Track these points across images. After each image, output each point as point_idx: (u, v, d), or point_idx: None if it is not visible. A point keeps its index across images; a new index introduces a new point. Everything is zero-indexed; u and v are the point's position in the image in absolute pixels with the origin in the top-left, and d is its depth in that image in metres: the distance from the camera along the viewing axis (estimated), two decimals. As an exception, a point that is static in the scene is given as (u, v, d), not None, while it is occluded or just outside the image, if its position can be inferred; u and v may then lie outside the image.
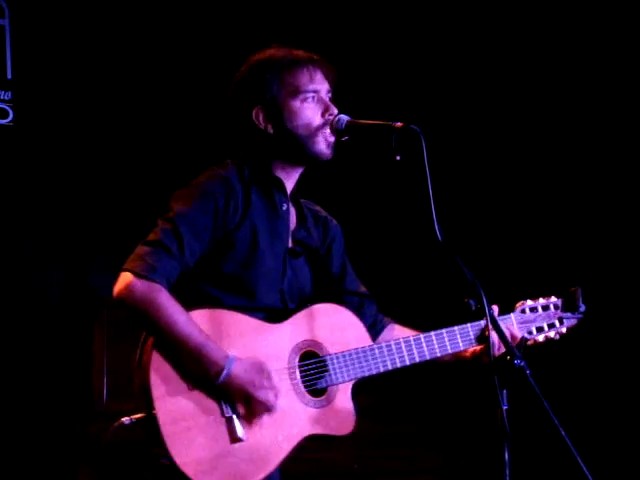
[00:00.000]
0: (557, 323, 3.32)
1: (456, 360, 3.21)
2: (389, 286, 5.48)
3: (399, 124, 2.92)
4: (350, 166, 5.17)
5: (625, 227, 5.34)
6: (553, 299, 3.33)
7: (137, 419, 2.89)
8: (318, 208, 3.32)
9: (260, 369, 2.88)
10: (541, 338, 3.30)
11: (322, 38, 5.48)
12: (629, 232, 5.33)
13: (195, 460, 2.81)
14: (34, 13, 5.06)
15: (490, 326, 2.82)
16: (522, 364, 2.74)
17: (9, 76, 5.01)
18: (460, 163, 5.55)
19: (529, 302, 3.32)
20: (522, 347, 3.19)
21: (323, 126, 3.08)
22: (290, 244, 3.13)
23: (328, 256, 3.26)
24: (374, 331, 3.24)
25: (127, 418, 2.91)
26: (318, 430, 2.97)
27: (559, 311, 3.32)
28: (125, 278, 2.86)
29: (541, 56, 5.48)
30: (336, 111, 3.09)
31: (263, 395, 2.88)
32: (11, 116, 4.99)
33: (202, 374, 2.85)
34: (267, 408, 2.88)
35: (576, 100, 5.43)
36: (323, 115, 3.09)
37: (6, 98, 4.99)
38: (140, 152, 5.26)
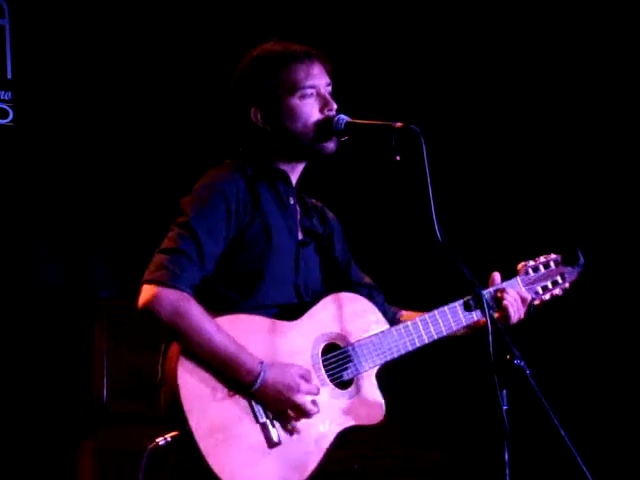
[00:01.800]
0: (559, 279, 3.31)
1: (474, 331, 3.19)
2: (389, 286, 5.48)
3: (399, 124, 2.92)
4: (350, 166, 5.18)
5: (625, 227, 5.34)
6: (552, 255, 3.34)
7: (172, 437, 2.82)
8: (314, 200, 3.30)
9: (296, 372, 2.87)
10: (547, 296, 3.29)
11: (322, 38, 5.48)
12: (629, 232, 5.33)
13: (236, 472, 2.78)
14: (34, 13, 5.06)
15: (490, 327, 2.81)
16: (522, 364, 2.74)
17: (9, 76, 5.01)
18: (460, 163, 5.56)
19: (530, 262, 3.31)
20: (532, 308, 3.20)
21: (320, 123, 3.06)
22: (300, 236, 3.11)
23: (331, 246, 3.24)
24: (387, 320, 3.19)
25: (161, 438, 2.83)
26: (351, 422, 2.96)
27: (560, 266, 3.31)
28: (151, 289, 2.81)
29: (541, 56, 5.48)
30: (335, 106, 3.07)
31: (300, 400, 2.85)
32: (11, 116, 4.99)
33: (236, 383, 2.82)
34: (304, 412, 2.86)
35: (576, 100, 5.43)
36: (322, 111, 3.07)
37: (6, 98, 4.99)
38: (140, 152, 5.26)
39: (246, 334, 2.86)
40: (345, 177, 5.40)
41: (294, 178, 3.15)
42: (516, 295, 3.15)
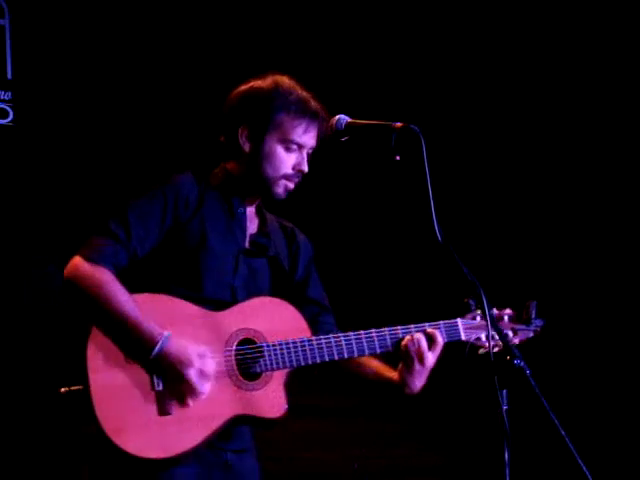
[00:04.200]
0: (510, 334, 3.26)
1: (382, 381, 3.24)
2: (389, 286, 5.49)
3: (399, 124, 2.92)
4: (350, 166, 5.18)
5: (625, 227, 5.35)
6: (507, 310, 3.29)
7: (72, 390, 3.03)
8: (287, 223, 3.42)
9: (194, 350, 3.00)
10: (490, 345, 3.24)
11: (322, 38, 5.49)
12: (629, 232, 5.33)
13: (122, 428, 2.95)
14: (34, 13, 5.06)
15: (490, 327, 2.81)
16: (522, 364, 2.74)
17: (9, 76, 5.01)
18: (460, 163, 5.56)
19: (480, 311, 3.25)
20: (467, 351, 3.20)
21: (289, 177, 3.16)
22: (247, 245, 3.23)
23: (294, 264, 3.35)
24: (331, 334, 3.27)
25: (65, 388, 3.05)
26: (247, 411, 3.07)
27: (513, 323, 3.27)
28: (73, 262, 3.03)
29: (541, 56, 5.48)
30: (306, 170, 3.17)
31: (191, 376, 2.98)
32: (11, 116, 4.99)
33: (137, 349, 2.98)
34: (193, 390, 2.99)
35: (576, 100, 5.44)
36: (294, 167, 3.16)
37: (6, 98, 4.99)
38: (140, 152, 5.26)
39: (163, 312, 3.03)
40: (345, 177, 5.40)
41: (250, 198, 3.27)
42: (426, 339, 3.15)
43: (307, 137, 3.16)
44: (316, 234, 5.56)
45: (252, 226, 3.28)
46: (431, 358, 3.16)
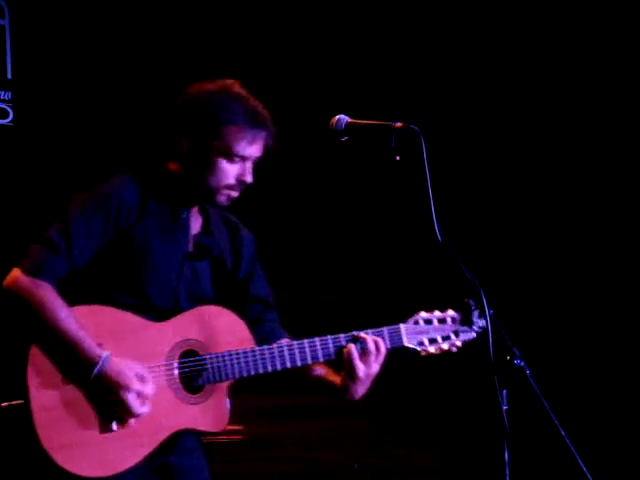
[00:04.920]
0: (452, 336, 3.24)
1: (325, 384, 3.24)
2: (389, 286, 5.49)
3: (399, 124, 2.92)
4: (350, 166, 5.18)
5: (625, 225, 5.35)
6: (450, 312, 3.26)
7: (13, 405, 2.98)
8: (231, 217, 3.37)
9: (133, 372, 2.97)
10: (432, 349, 3.22)
11: (322, 38, 5.49)
12: (629, 229, 5.33)
13: (64, 447, 2.91)
14: (34, 13, 5.06)
15: (490, 327, 2.81)
16: (522, 364, 2.74)
17: (9, 76, 5.01)
18: (460, 163, 5.56)
19: (423, 314, 3.26)
20: (409, 356, 3.19)
21: (232, 187, 3.13)
22: (190, 248, 3.19)
23: (237, 261, 3.31)
24: (269, 341, 3.25)
25: (6, 403, 3.00)
26: (191, 425, 3.05)
27: (455, 324, 3.24)
28: (14, 273, 3.00)
29: (541, 56, 5.48)
30: (250, 181, 3.13)
31: (129, 400, 2.95)
32: (11, 116, 4.99)
33: (77, 369, 2.95)
34: (130, 413, 2.96)
35: (576, 100, 5.44)
36: (237, 178, 3.12)
37: (6, 98, 4.99)
38: (140, 152, 5.26)
39: (103, 324, 3.00)
40: (345, 177, 5.40)
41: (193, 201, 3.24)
42: (369, 347, 3.13)
43: (252, 149, 3.11)
44: (316, 234, 5.58)
45: (195, 226, 3.23)
46: (375, 366, 3.14)
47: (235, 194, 3.15)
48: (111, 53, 5.18)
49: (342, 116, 3.10)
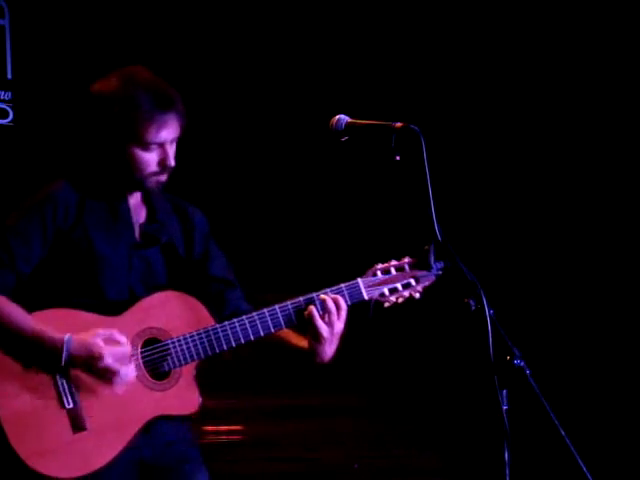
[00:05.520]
0: (413, 282, 3.21)
1: (293, 350, 3.22)
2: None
3: (399, 124, 2.92)
4: (350, 166, 5.18)
5: (625, 225, 5.35)
6: (407, 259, 3.25)
7: None
8: (180, 201, 3.35)
9: (98, 339, 2.97)
10: (394, 298, 3.19)
11: (322, 38, 5.49)
12: (629, 229, 5.33)
13: (39, 452, 2.92)
14: (34, 13, 5.06)
15: (490, 327, 2.81)
16: (522, 364, 2.74)
17: (9, 76, 5.01)
18: (460, 163, 5.56)
19: (379, 265, 3.24)
20: (372, 309, 3.15)
21: (156, 173, 3.12)
22: (137, 238, 3.19)
23: (190, 243, 3.29)
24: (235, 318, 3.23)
25: None
26: (162, 411, 3.06)
27: (414, 270, 3.21)
28: None
29: (541, 56, 5.48)
30: (172, 163, 3.12)
31: (110, 364, 2.96)
32: (11, 116, 4.99)
33: (45, 361, 2.97)
34: (117, 374, 2.98)
35: (576, 100, 5.44)
36: (159, 164, 3.11)
37: (6, 98, 4.99)
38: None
39: (61, 326, 2.99)
40: (345, 177, 5.40)
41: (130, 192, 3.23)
42: (329, 306, 3.12)
43: (164, 133, 3.07)
44: (316, 234, 5.58)
45: (140, 216, 3.22)
46: (338, 324, 3.11)
47: (163, 178, 3.13)
48: (111, 53, 5.18)
49: (342, 116, 3.09)
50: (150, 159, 3.09)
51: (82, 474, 2.96)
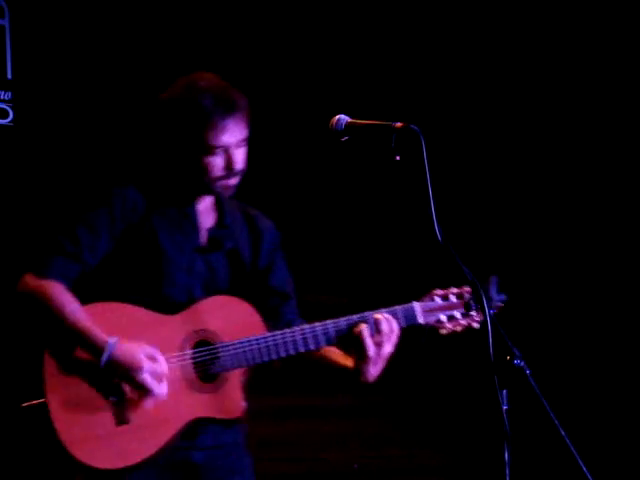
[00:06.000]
0: (472, 312, 3.22)
1: (337, 369, 3.22)
2: (389, 286, 5.49)
3: (399, 124, 2.91)
4: (350, 166, 5.18)
5: (625, 224, 5.35)
6: (467, 287, 3.24)
7: (33, 404, 3.05)
8: (251, 209, 3.39)
9: (142, 353, 2.99)
10: (450, 326, 3.21)
11: (322, 38, 5.49)
12: (629, 229, 5.33)
13: (81, 440, 2.97)
14: (34, 13, 5.06)
15: (490, 327, 2.81)
16: (522, 364, 2.74)
17: (9, 76, 5.01)
18: (460, 163, 5.56)
19: (438, 291, 3.24)
20: (426, 335, 3.16)
21: (222, 177, 3.13)
22: (203, 241, 3.22)
23: (256, 253, 3.31)
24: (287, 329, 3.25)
25: (27, 403, 3.07)
26: (205, 413, 3.07)
27: (474, 300, 3.21)
28: (24, 277, 3.09)
29: (541, 56, 5.48)
30: (239, 167, 3.13)
31: (144, 380, 2.97)
32: (11, 116, 4.99)
33: (88, 359, 2.99)
34: (149, 392, 2.99)
35: (576, 100, 5.44)
36: (225, 169, 3.12)
37: (6, 98, 4.99)
38: (140, 152, 5.26)
39: (115, 321, 3.04)
40: (345, 177, 5.40)
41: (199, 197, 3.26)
42: (382, 327, 3.12)
43: (226, 137, 3.09)
44: (316, 234, 5.58)
45: (208, 220, 3.25)
46: (387, 346, 3.11)
47: (233, 181, 3.15)
48: (111, 53, 5.18)
49: (342, 116, 3.09)
50: (216, 163, 3.11)
51: (118, 467, 2.99)
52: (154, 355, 3.00)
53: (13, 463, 4.77)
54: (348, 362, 3.18)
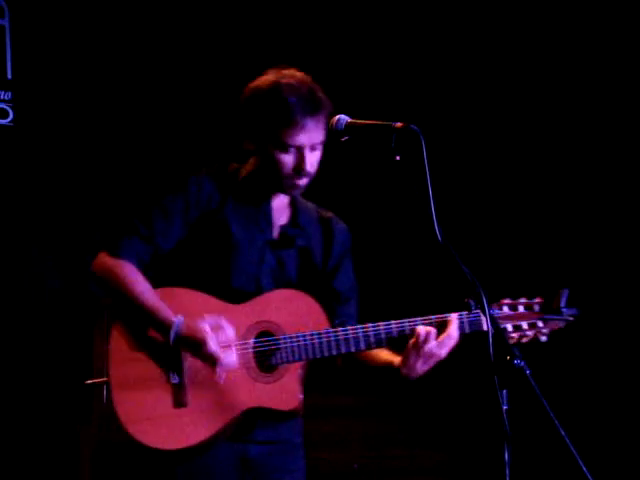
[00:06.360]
0: (540, 323, 3.25)
1: (381, 364, 3.24)
2: (389, 286, 5.49)
3: (399, 124, 2.92)
4: (350, 166, 5.18)
5: (626, 225, 5.35)
6: (537, 299, 3.28)
7: (96, 383, 3.14)
8: (327, 212, 3.43)
9: (206, 325, 3.04)
10: (517, 336, 3.22)
11: (322, 38, 5.49)
12: (630, 230, 5.33)
13: (139, 419, 3.04)
14: (34, 13, 5.06)
15: (490, 327, 2.81)
16: (522, 364, 2.74)
17: (9, 76, 5.01)
18: (460, 163, 5.55)
19: (507, 300, 3.26)
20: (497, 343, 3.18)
21: (290, 177, 3.16)
22: (275, 236, 3.26)
23: (327, 255, 3.35)
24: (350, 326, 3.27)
25: (90, 381, 3.16)
26: (261, 403, 3.09)
27: (543, 312, 3.24)
28: (99, 256, 3.18)
29: (541, 56, 5.48)
30: (308, 169, 3.15)
31: (212, 350, 3.02)
32: (11, 116, 4.99)
33: (155, 338, 3.08)
34: (218, 361, 3.03)
35: (576, 100, 5.43)
36: (294, 169, 3.14)
37: (6, 98, 4.99)
38: (141, 153, 5.26)
39: (181, 305, 3.09)
40: (345, 177, 5.39)
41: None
42: (447, 331, 3.14)
43: (302, 137, 3.11)
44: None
45: (282, 218, 3.29)
46: (443, 349, 3.14)
47: (301, 182, 3.17)
48: (111, 53, 5.18)
49: (342, 116, 3.09)
50: (286, 161, 3.13)
51: (173, 448, 3.03)
52: (218, 323, 3.06)
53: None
54: (391, 357, 3.21)
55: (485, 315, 2.82)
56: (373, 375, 3.32)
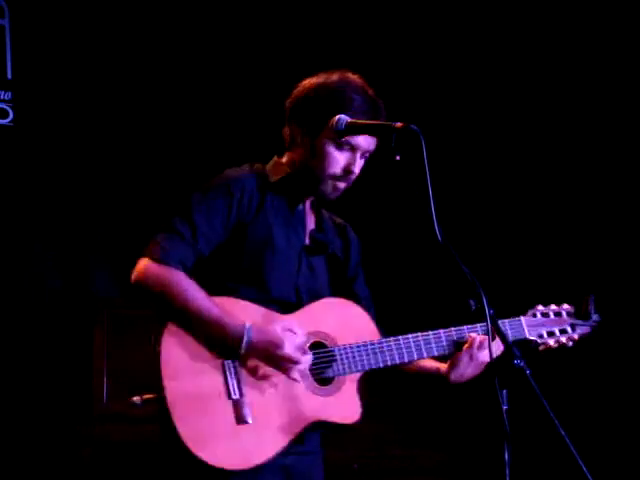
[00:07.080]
0: (569, 329, 3.32)
1: (422, 373, 3.25)
2: (390, 286, 5.49)
3: (399, 124, 2.91)
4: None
5: (629, 226, 5.35)
6: (565, 306, 3.34)
7: (148, 399, 2.99)
8: (338, 219, 3.38)
9: (278, 328, 2.93)
10: (552, 342, 3.29)
11: (322, 38, 5.49)
12: (633, 232, 5.33)
13: (200, 436, 2.85)
14: (34, 13, 5.06)
15: (490, 327, 2.81)
16: (522, 364, 2.74)
17: (9, 76, 5.01)
18: (460, 163, 5.56)
19: (540, 307, 3.32)
20: (532, 349, 3.22)
21: (338, 178, 3.09)
22: (307, 242, 3.18)
23: (347, 260, 3.32)
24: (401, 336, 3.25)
25: (138, 397, 3.03)
26: (325, 417, 3.00)
27: (571, 318, 3.31)
28: (141, 263, 2.95)
29: (541, 56, 5.48)
30: (356, 171, 3.10)
31: (288, 352, 2.91)
32: (11, 116, 4.99)
33: (222, 348, 2.91)
34: (295, 363, 2.92)
35: (576, 100, 5.44)
36: (343, 169, 3.09)
37: (6, 98, 4.99)
38: (141, 153, 5.26)
39: (238, 316, 2.94)
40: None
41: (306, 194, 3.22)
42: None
43: (361, 139, 3.06)
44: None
45: (310, 222, 3.22)
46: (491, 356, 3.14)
47: (341, 185, 3.10)
48: (111, 53, 5.19)
49: (342, 116, 3.09)
50: (338, 159, 3.06)
51: (240, 468, 2.89)
52: (291, 327, 2.95)
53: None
54: (438, 365, 3.22)
55: (485, 315, 2.82)
56: (415, 381, 3.29)
